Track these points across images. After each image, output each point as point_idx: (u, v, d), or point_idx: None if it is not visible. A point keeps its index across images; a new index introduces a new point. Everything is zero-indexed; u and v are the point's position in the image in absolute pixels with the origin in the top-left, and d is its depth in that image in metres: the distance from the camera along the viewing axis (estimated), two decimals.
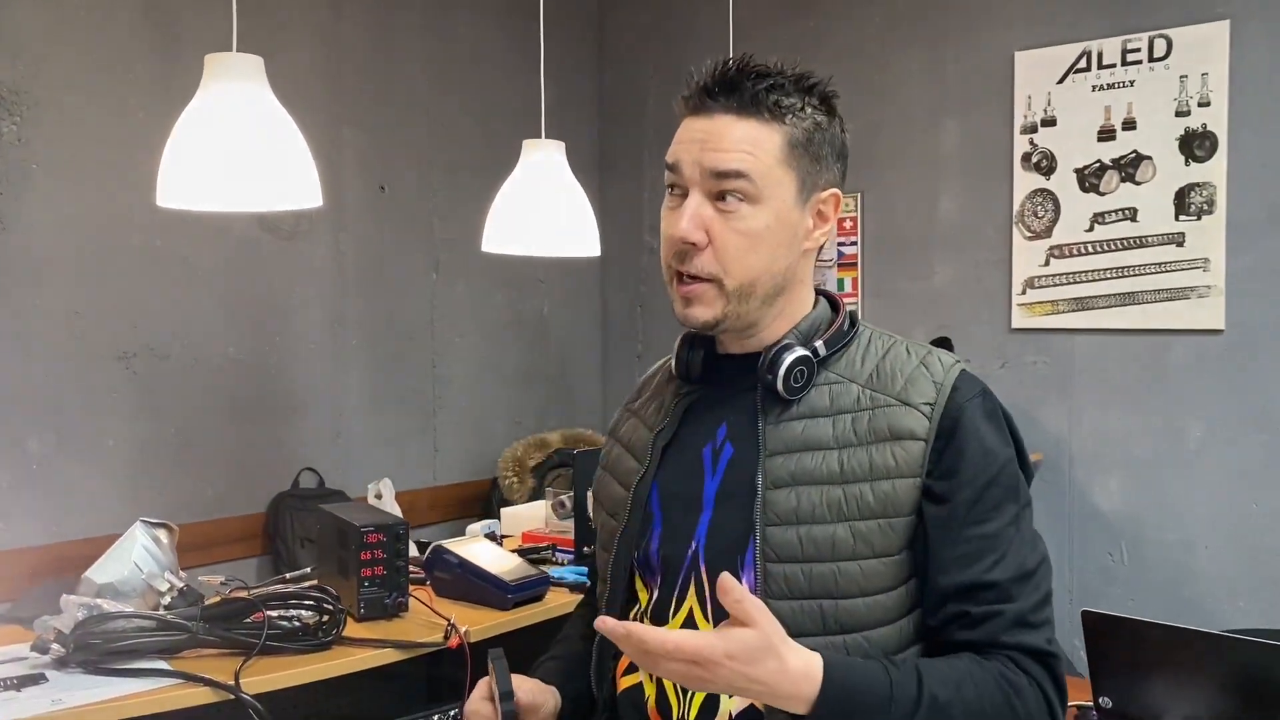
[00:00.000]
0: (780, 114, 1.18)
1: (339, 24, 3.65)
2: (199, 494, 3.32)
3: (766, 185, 1.17)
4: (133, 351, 3.17)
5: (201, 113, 1.99)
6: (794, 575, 1.14)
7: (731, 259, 1.17)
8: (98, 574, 1.71)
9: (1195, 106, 3.24)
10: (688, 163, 1.18)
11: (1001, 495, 1.16)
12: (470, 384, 4.05)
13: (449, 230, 3.93)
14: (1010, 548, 1.14)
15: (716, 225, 1.17)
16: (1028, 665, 1.12)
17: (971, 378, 1.21)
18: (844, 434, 1.17)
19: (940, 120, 3.70)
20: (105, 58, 3.08)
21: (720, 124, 1.17)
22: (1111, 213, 3.39)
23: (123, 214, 3.10)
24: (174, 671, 1.54)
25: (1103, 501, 3.42)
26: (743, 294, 1.19)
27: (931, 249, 3.74)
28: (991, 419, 1.18)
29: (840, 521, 1.14)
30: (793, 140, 1.18)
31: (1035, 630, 1.13)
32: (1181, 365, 3.29)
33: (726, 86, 1.18)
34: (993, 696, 1.10)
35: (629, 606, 1.28)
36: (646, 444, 1.29)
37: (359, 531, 1.78)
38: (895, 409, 1.17)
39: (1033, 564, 1.16)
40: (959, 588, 1.13)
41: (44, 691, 1.48)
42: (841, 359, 1.23)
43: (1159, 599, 3.29)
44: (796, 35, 3.95)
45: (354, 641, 1.71)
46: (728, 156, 1.16)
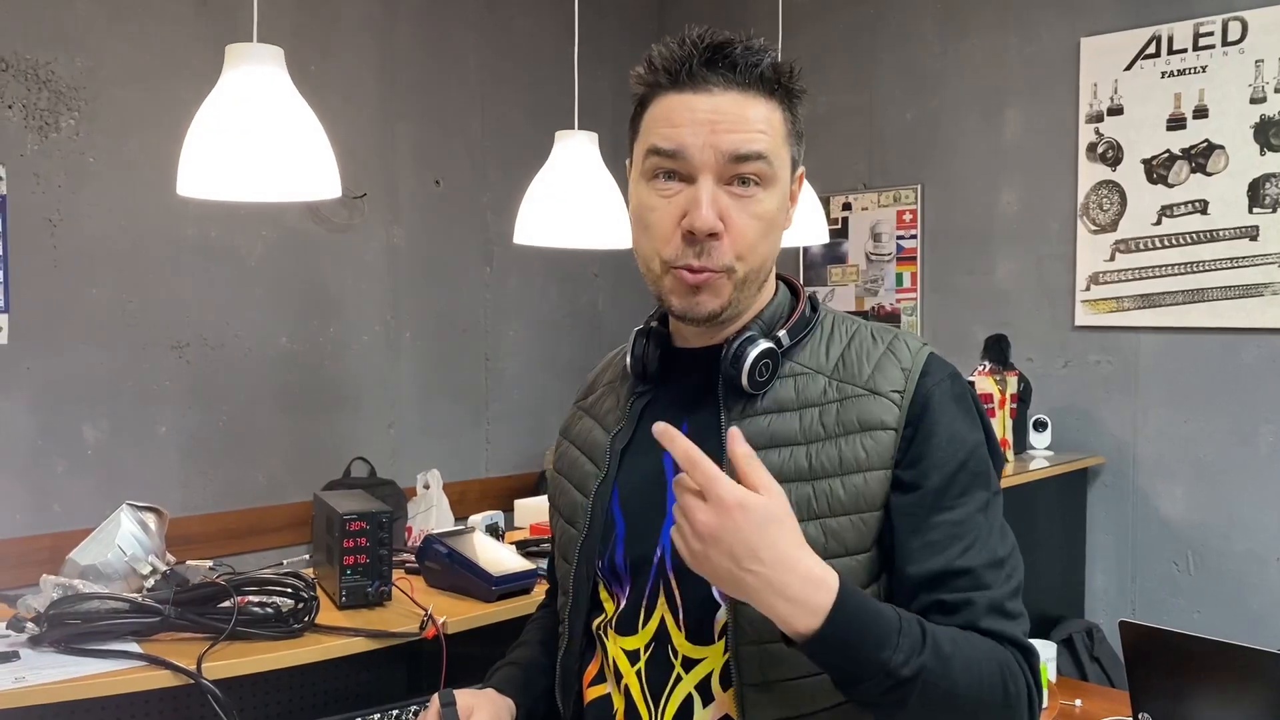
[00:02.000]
0: (781, 92, 1.11)
1: (393, 19, 3.68)
2: (250, 481, 3.39)
3: (779, 166, 1.10)
4: (186, 341, 3.26)
5: (220, 103, 2.01)
6: None
7: (748, 246, 1.10)
8: (81, 555, 1.74)
9: (1271, 92, 3.06)
10: (696, 146, 1.08)
11: (970, 481, 1.09)
12: (523, 377, 4.06)
13: (503, 224, 3.93)
14: (980, 534, 1.07)
15: (732, 211, 1.08)
16: (1015, 655, 1.05)
17: (940, 361, 1.14)
18: (811, 428, 1.10)
19: (1002, 110, 3.56)
20: (160, 52, 3.16)
21: (728, 102, 1.08)
22: (1180, 205, 3.22)
23: (177, 206, 3.15)
24: (139, 654, 1.56)
25: (1168, 508, 3.26)
26: (749, 282, 1.12)
27: (992, 243, 3.61)
28: (959, 402, 1.11)
29: (811, 520, 1.07)
30: (790, 118, 1.12)
31: (1012, 620, 1.06)
32: (1253, 366, 3.11)
33: (725, 59, 1.09)
34: (990, 666, 1.02)
35: (593, 616, 1.22)
36: (604, 446, 1.22)
37: (341, 519, 1.78)
38: (864, 399, 1.10)
39: (1004, 552, 1.09)
40: (930, 576, 1.06)
41: (12, 669, 1.51)
42: (805, 348, 1.16)
43: (1226, 612, 3.12)
44: (853, 22, 3.86)
45: (327, 629, 1.71)
46: (750, 138, 1.07)
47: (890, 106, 3.78)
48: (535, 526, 2.44)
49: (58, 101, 3.00)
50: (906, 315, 3.81)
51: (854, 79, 3.85)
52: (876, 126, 3.81)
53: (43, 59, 2.97)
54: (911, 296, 3.80)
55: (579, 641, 1.22)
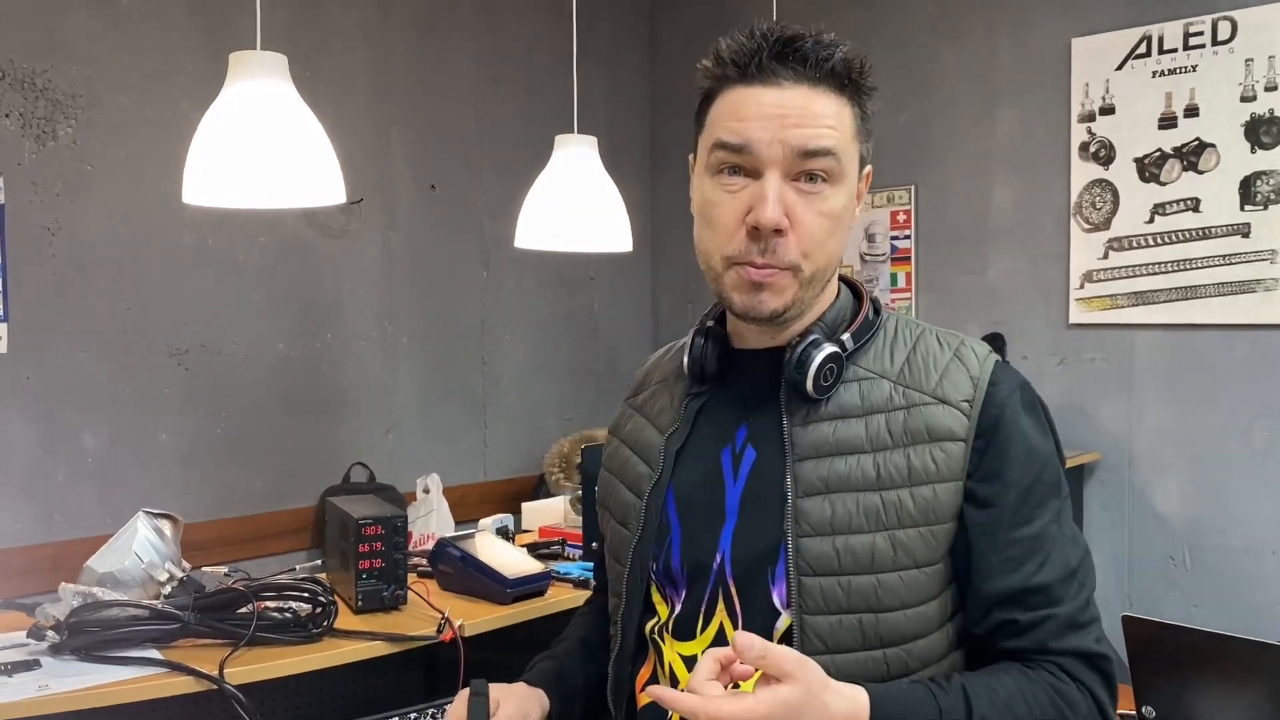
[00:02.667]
0: (851, 87, 1.10)
1: (388, 24, 3.69)
2: (250, 488, 3.39)
3: (847, 162, 1.09)
4: (185, 348, 3.25)
5: (225, 110, 2.02)
6: (831, 589, 1.06)
7: (815, 244, 1.08)
8: (99, 563, 1.75)
9: (1261, 91, 3.09)
10: (763, 141, 1.06)
11: (1045, 493, 1.08)
12: (520, 381, 4.07)
13: (499, 228, 3.95)
14: (1055, 547, 1.08)
15: (799, 208, 1.06)
16: (1077, 670, 1.06)
17: (1008, 369, 1.13)
18: (878, 435, 1.08)
19: (995, 110, 3.59)
20: (157, 60, 3.16)
21: (798, 96, 1.06)
22: (1173, 203, 3.26)
23: (175, 213, 3.17)
24: (160, 660, 1.57)
25: (1163, 504, 3.29)
26: (815, 280, 1.10)
27: (986, 242, 3.64)
28: (1031, 412, 1.11)
29: (879, 531, 1.06)
30: (860, 115, 1.11)
31: (1083, 631, 1.07)
32: (1247, 362, 3.14)
33: (796, 52, 1.07)
34: (1045, 711, 1.04)
35: (645, 619, 1.21)
36: (657, 447, 1.20)
37: (357, 524, 1.79)
38: (932, 407, 1.08)
39: (1076, 561, 1.09)
40: (1005, 594, 1.06)
41: (35, 677, 1.52)
42: (869, 352, 1.14)
43: (1222, 606, 3.15)
44: (847, 25, 3.88)
45: (345, 634, 1.71)
46: (819, 133, 1.05)
47: (884, 108, 3.76)
48: (544, 529, 2.45)
49: (55, 110, 3.00)
50: None
51: None
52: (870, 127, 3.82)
53: (40, 67, 2.96)
54: (906, 296, 3.82)
55: (631, 645, 1.20)
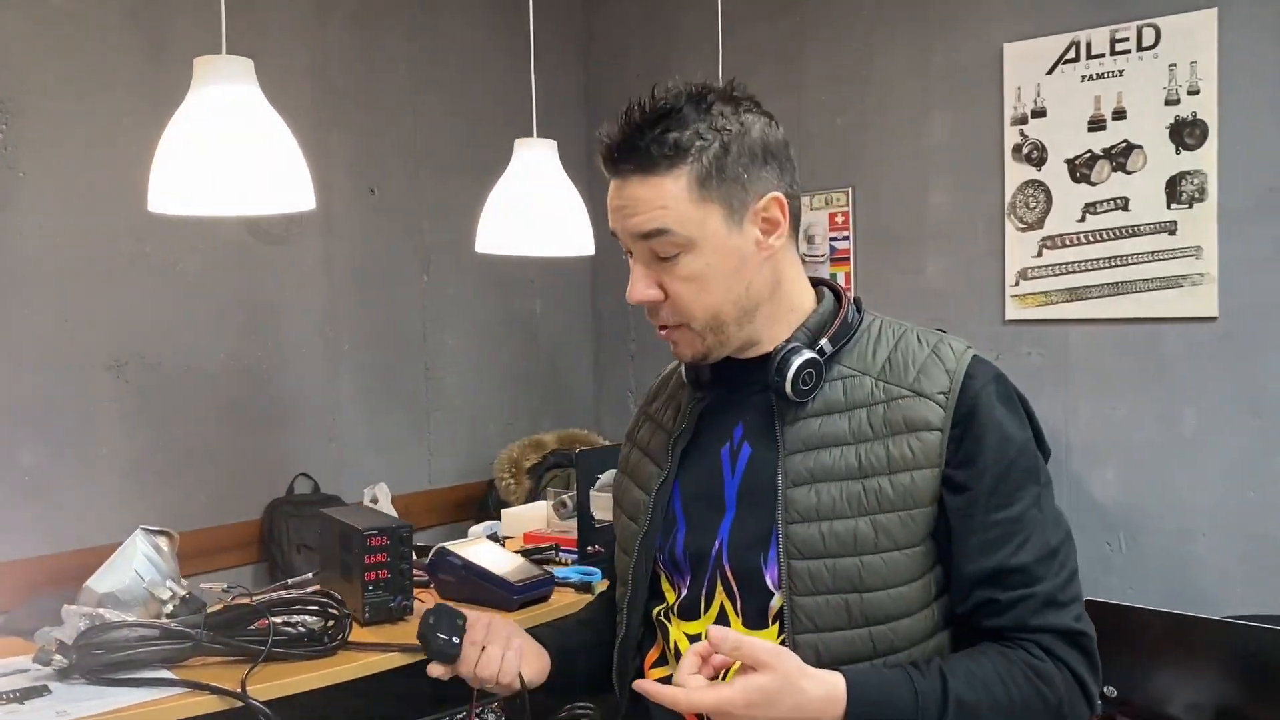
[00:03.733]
0: (679, 155, 1.16)
1: (324, 27, 3.63)
2: (193, 502, 3.29)
3: (690, 230, 1.18)
4: (124, 360, 3.15)
5: (192, 116, 1.98)
6: (818, 571, 1.15)
7: (687, 304, 1.21)
8: (98, 583, 1.69)
9: (1185, 95, 3.24)
10: (620, 231, 1.22)
11: (1021, 478, 1.17)
12: (463, 386, 4.04)
13: (439, 232, 3.92)
14: (1034, 529, 1.15)
15: (665, 278, 1.20)
16: (1056, 647, 1.13)
17: (984, 363, 1.22)
18: (860, 428, 1.18)
19: (929, 113, 3.70)
20: (91, 64, 3.05)
21: (629, 188, 1.19)
22: (1103, 202, 3.39)
23: (111, 221, 3.08)
24: (180, 680, 1.52)
25: (1100, 491, 3.43)
26: (713, 328, 1.22)
27: (923, 242, 3.74)
28: (1006, 403, 1.20)
29: (861, 515, 1.15)
30: (701, 176, 1.17)
31: (1063, 609, 1.14)
32: (1175, 354, 3.29)
33: (625, 149, 1.18)
34: (1021, 690, 1.11)
35: (652, 605, 1.31)
36: (665, 448, 1.31)
37: (362, 535, 1.76)
38: (910, 400, 1.18)
39: (1056, 542, 1.17)
40: (985, 574, 1.14)
41: (48, 703, 1.47)
42: (853, 351, 1.24)
43: (1157, 588, 3.29)
44: (782, 30, 3.95)
45: (360, 646, 1.69)
46: (643, 219, 1.18)
47: (820, 111, 3.88)
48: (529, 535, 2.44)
49: None
50: None
51: (784, 84, 3.93)
52: (807, 130, 3.90)
53: None
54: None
55: (637, 630, 1.31)
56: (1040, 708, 1.12)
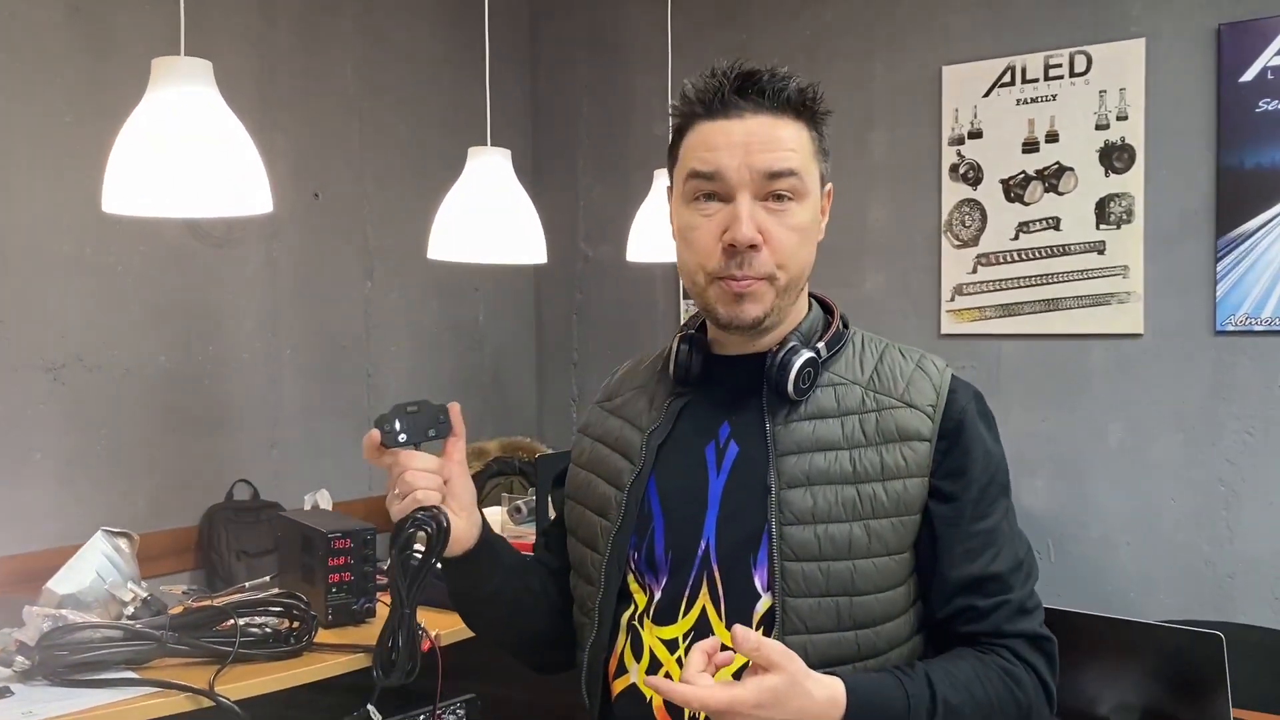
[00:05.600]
0: (808, 110, 1.25)
1: (271, 28, 3.60)
2: (130, 506, 3.23)
3: (808, 181, 1.23)
4: (61, 362, 3.09)
5: (149, 117, 1.97)
6: (812, 573, 1.17)
7: (788, 255, 1.21)
8: (59, 584, 1.67)
9: (1114, 120, 3.38)
10: (732, 167, 1.19)
11: (998, 492, 1.24)
12: (406, 393, 4.02)
13: (383, 238, 3.91)
14: (1006, 541, 1.22)
15: (770, 224, 1.20)
16: (1025, 652, 1.20)
17: (963, 381, 1.28)
18: (853, 434, 1.21)
19: (869, 132, 3.79)
20: (31, 60, 2.99)
21: (760, 125, 1.20)
22: (1036, 222, 3.51)
23: (50, 220, 3.03)
24: (148, 680, 1.51)
25: (1030, 500, 3.54)
26: (791, 289, 1.24)
27: (862, 256, 3.83)
28: (985, 420, 1.26)
29: (856, 520, 1.18)
30: (816, 137, 1.26)
31: (1031, 616, 1.22)
32: (1102, 368, 3.42)
33: (756, 85, 1.21)
34: (998, 692, 1.16)
35: (621, 608, 1.27)
36: (638, 443, 1.29)
37: (326, 538, 1.77)
38: (901, 410, 1.22)
39: (1023, 553, 1.25)
40: (967, 581, 1.20)
41: (13, 704, 1.45)
42: (841, 360, 1.27)
43: (1083, 594, 3.41)
44: (726, 47, 4.01)
45: (325, 647, 1.69)
46: (780, 156, 1.20)
47: None
48: None
49: None
50: None
51: None
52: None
53: None
54: None
55: (608, 631, 1.27)
56: (1013, 709, 1.17)
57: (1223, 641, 2.11)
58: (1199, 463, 3.27)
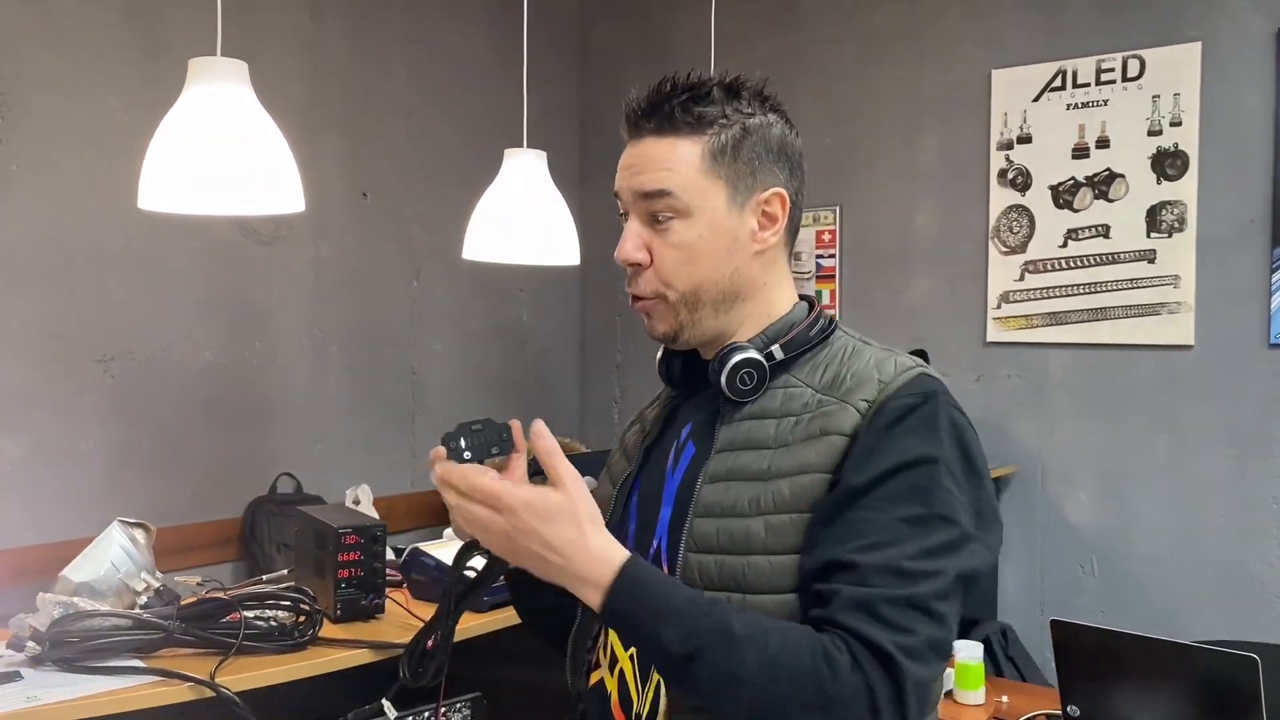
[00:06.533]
0: (700, 125, 1.19)
1: (321, 30, 3.66)
2: (175, 498, 3.31)
3: (691, 198, 1.19)
4: (111, 355, 3.17)
5: (185, 116, 2.00)
6: (706, 565, 1.15)
7: (671, 273, 1.21)
8: (74, 573, 1.71)
9: (1167, 126, 3.29)
10: (623, 189, 1.23)
11: (901, 490, 1.08)
12: (449, 391, 4.06)
13: (430, 238, 3.95)
14: (893, 542, 1.05)
15: (655, 243, 1.21)
16: (858, 652, 1.02)
17: (926, 381, 1.16)
18: (783, 434, 1.17)
19: (917, 136, 3.74)
20: (88, 59, 3.08)
21: (644, 147, 1.21)
22: (1085, 229, 3.44)
23: (103, 216, 3.11)
24: (151, 669, 1.55)
25: (1074, 514, 3.46)
26: (689, 304, 1.22)
27: (908, 262, 3.78)
28: (919, 417, 1.12)
29: (757, 515, 1.13)
30: (715, 149, 1.19)
31: (883, 626, 1.02)
32: (1151, 380, 3.34)
33: (650, 110, 1.21)
34: (801, 661, 1.01)
35: None
36: (637, 445, 1.35)
37: (337, 533, 1.79)
38: (835, 408, 1.15)
39: (914, 568, 1.05)
40: (818, 567, 1.08)
41: (19, 689, 1.49)
42: (806, 365, 1.22)
43: (1128, 611, 3.33)
44: (776, 50, 4.00)
45: (330, 642, 1.72)
46: (649, 178, 1.20)
47: (810, 131, 3.90)
48: None
49: None
50: None
51: None
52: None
53: None
54: (830, 313, 3.94)
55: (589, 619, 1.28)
56: (812, 689, 1.00)
57: (1258, 664, 2.05)
58: (1250, 479, 3.18)
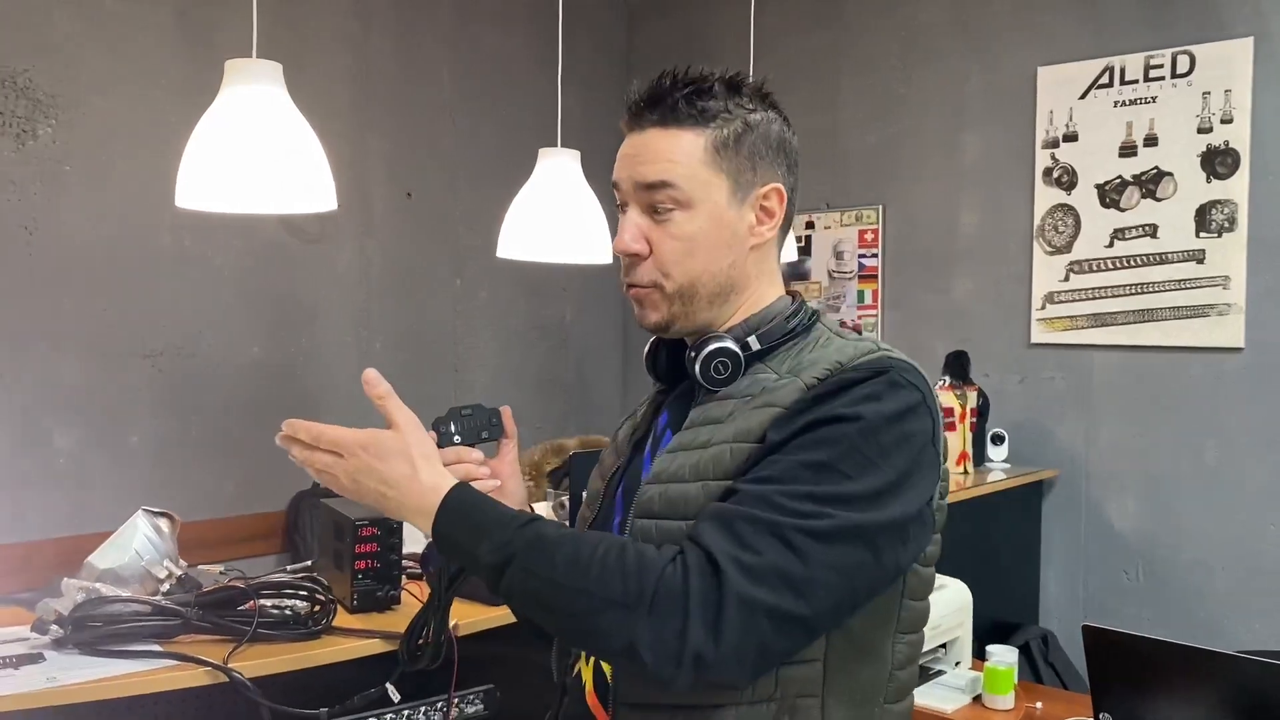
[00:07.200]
0: (704, 119, 1.20)
1: (367, 33, 3.72)
2: (220, 491, 3.39)
3: (694, 190, 1.20)
4: (159, 350, 3.26)
5: (220, 117, 2.04)
6: (647, 529, 1.16)
7: (670, 264, 1.21)
8: (99, 559, 1.77)
9: (1218, 123, 3.22)
10: (624, 179, 1.23)
11: (810, 442, 1.08)
12: (491, 389, 4.10)
13: (473, 237, 3.99)
14: (780, 479, 1.06)
15: (655, 234, 1.21)
16: (692, 560, 1.03)
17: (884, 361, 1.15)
18: (737, 411, 1.18)
19: (961, 134, 3.70)
20: (138, 62, 3.17)
21: (647, 138, 1.21)
22: (1132, 229, 3.38)
23: (152, 215, 3.19)
24: (167, 653, 1.59)
25: (1118, 519, 3.40)
26: (684, 296, 1.23)
27: (952, 262, 3.74)
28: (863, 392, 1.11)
29: (696, 481, 1.15)
30: (718, 142, 1.20)
31: (728, 539, 1.03)
32: (1199, 383, 3.26)
33: (653, 101, 1.22)
34: (611, 559, 1.04)
35: None
36: (626, 439, 1.36)
37: (354, 525, 1.82)
38: (786, 384, 1.16)
39: (787, 505, 1.04)
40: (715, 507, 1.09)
41: (40, 670, 1.54)
42: (779, 354, 1.23)
43: (1173, 619, 3.26)
44: (818, 47, 3.98)
45: (344, 631, 1.75)
46: (652, 168, 1.20)
47: (854, 129, 3.90)
48: None
49: (35, 110, 3.00)
50: (867, 331, 3.93)
51: (819, 102, 3.96)
52: (840, 148, 3.92)
53: (21, 67, 2.96)
54: (872, 313, 3.92)
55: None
56: (618, 586, 1.02)
57: None
58: None
